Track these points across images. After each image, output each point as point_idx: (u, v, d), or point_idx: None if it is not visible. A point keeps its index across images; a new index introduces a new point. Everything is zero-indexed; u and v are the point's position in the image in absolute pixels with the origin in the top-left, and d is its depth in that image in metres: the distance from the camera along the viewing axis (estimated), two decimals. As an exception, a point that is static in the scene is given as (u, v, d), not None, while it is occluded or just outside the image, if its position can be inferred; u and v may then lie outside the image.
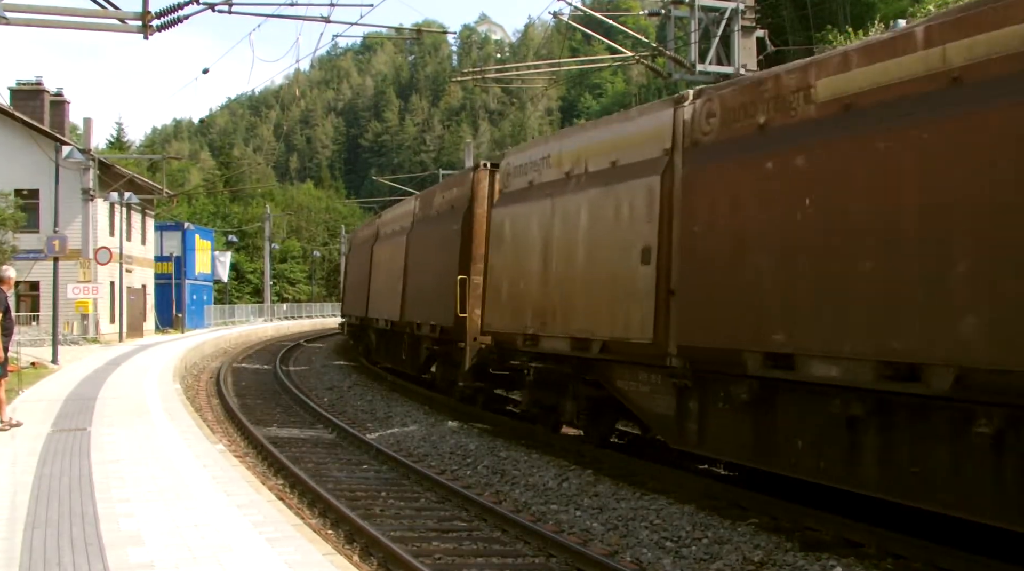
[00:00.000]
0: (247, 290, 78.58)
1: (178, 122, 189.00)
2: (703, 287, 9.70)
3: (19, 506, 7.98)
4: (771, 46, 21.01)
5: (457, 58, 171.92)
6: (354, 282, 31.81)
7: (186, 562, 6.28)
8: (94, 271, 37.23)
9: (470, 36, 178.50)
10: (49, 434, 12.20)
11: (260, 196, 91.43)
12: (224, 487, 8.85)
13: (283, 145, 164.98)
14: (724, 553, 8.45)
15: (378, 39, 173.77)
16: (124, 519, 7.50)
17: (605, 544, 8.96)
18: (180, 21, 17.33)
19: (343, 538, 9.09)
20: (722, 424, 9.63)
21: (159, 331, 47.24)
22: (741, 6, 20.22)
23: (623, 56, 23.66)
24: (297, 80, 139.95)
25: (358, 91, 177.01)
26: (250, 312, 67.95)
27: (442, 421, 16.85)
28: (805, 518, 8.99)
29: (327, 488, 11.14)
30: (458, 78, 35.84)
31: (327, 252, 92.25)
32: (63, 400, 16.26)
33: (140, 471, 9.63)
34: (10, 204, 32.71)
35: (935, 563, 7.59)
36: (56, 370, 23.03)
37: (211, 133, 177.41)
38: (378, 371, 26.55)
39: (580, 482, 11.45)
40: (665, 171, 10.29)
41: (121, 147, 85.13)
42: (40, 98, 39.75)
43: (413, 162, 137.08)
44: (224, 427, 16.78)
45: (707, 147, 9.76)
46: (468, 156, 46.40)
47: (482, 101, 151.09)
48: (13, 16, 16.62)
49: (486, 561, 8.48)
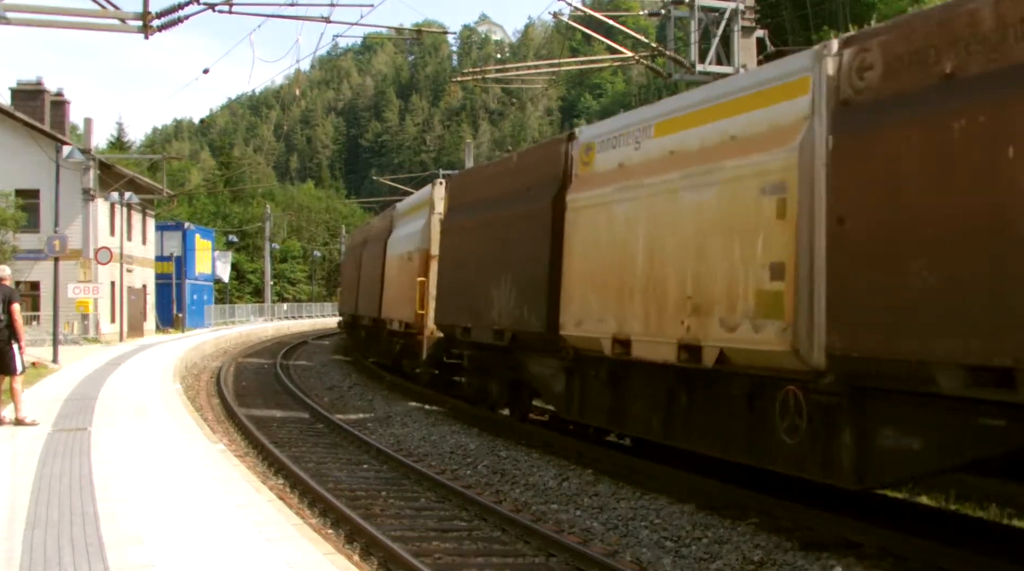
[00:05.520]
0: (247, 290, 78.57)
1: (178, 122, 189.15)
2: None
3: (19, 506, 7.98)
4: (771, 46, 21.01)
5: (457, 58, 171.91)
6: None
7: (186, 562, 6.28)
8: (94, 271, 37.24)
9: (470, 36, 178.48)
10: (49, 434, 12.20)
11: (260, 196, 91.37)
12: (224, 487, 8.85)
13: (283, 145, 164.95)
14: (724, 553, 8.45)
15: (378, 39, 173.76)
16: (124, 519, 7.50)
17: (605, 544, 8.96)
18: (180, 21, 17.37)
19: (343, 538, 9.09)
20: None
21: (159, 331, 47.24)
22: (741, 6, 20.23)
23: (623, 56, 23.66)
24: (297, 80, 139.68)
25: (358, 91, 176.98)
26: (250, 312, 67.93)
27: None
28: (805, 518, 9.00)
29: (327, 488, 11.14)
30: (458, 78, 35.86)
31: (327, 252, 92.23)
32: (63, 400, 16.26)
33: (140, 471, 9.64)
34: (10, 204, 32.71)
35: (935, 563, 7.59)
36: (56, 370, 23.03)
37: (211, 133, 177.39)
38: (371, 366, 27.31)
39: (580, 482, 11.46)
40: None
41: (121, 147, 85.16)
42: (40, 98, 39.76)
43: (413, 162, 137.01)
44: (224, 427, 16.78)
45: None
46: (468, 156, 46.39)
47: (482, 101, 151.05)
48: (13, 16, 16.63)
49: (486, 561, 8.48)
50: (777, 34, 29.02)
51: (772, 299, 8.54)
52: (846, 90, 8.01)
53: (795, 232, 8.29)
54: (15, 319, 12.86)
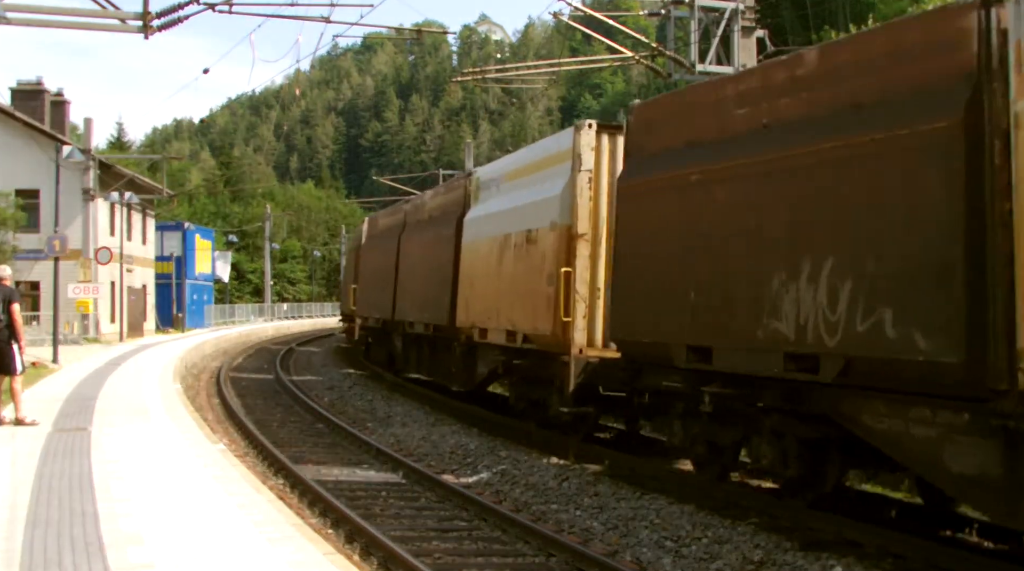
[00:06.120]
0: (247, 290, 78.54)
1: (178, 122, 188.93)
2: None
3: (19, 505, 7.97)
4: (771, 46, 21.00)
5: (457, 58, 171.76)
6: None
7: (186, 562, 6.28)
8: (94, 271, 37.23)
9: (470, 36, 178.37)
10: (49, 434, 12.19)
11: (260, 196, 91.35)
12: (224, 487, 8.85)
13: (283, 145, 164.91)
14: (724, 553, 8.45)
15: (378, 39, 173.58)
16: (124, 519, 7.50)
17: (605, 544, 8.96)
18: (180, 21, 17.37)
19: (343, 538, 9.09)
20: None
21: (159, 331, 47.23)
22: (741, 6, 20.23)
23: (623, 56, 23.65)
24: (297, 80, 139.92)
25: (358, 91, 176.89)
26: (250, 312, 67.93)
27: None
28: (805, 518, 8.99)
29: (327, 488, 11.14)
30: (458, 78, 35.88)
31: (327, 252, 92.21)
32: (63, 400, 16.26)
33: (140, 471, 9.63)
34: (10, 204, 32.69)
35: (935, 563, 7.59)
36: (56, 370, 23.03)
37: (211, 133, 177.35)
38: (371, 366, 26.70)
39: (580, 482, 11.46)
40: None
41: (121, 147, 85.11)
42: (40, 98, 39.73)
43: (413, 162, 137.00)
44: (224, 427, 16.78)
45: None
46: (468, 156, 46.37)
47: (482, 101, 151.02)
48: (13, 16, 16.64)
49: (486, 561, 8.48)
50: (777, 34, 29.01)
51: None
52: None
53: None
54: (15, 319, 12.86)
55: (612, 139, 13.36)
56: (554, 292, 13.15)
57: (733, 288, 9.28)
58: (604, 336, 12.84)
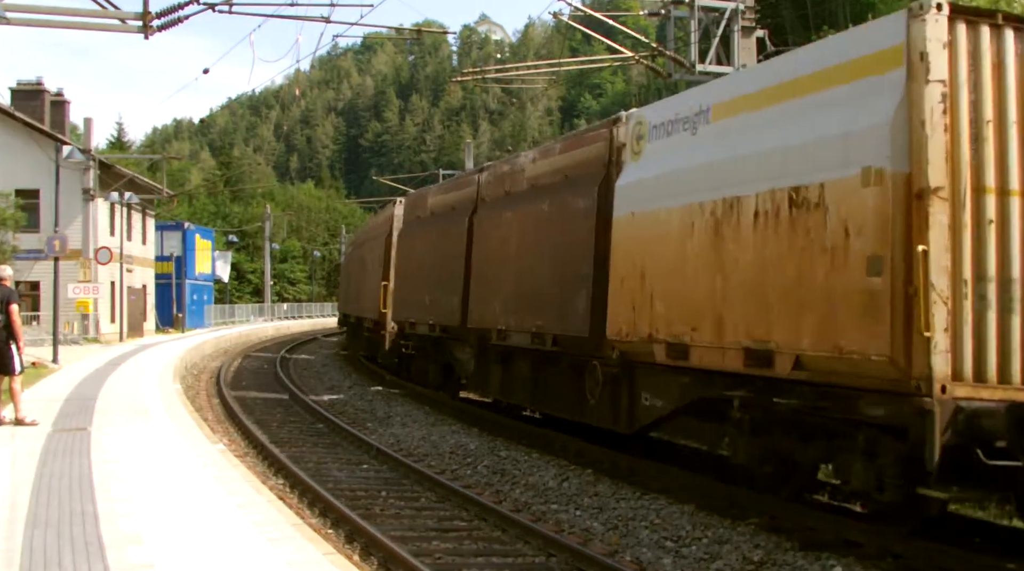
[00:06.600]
0: (247, 290, 78.55)
1: (178, 122, 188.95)
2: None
3: (19, 506, 7.97)
4: (771, 46, 21.01)
5: (457, 58, 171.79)
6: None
7: (186, 562, 6.28)
8: (94, 271, 37.23)
9: (470, 36, 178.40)
10: (49, 434, 12.19)
11: (260, 196, 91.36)
12: (224, 487, 8.85)
13: (283, 145, 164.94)
14: (724, 553, 8.45)
15: (378, 39, 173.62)
16: (124, 519, 7.50)
17: (605, 544, 8.96)
18: (180, 21, 17.36)
19: (343, 538, 9.09)
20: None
21: (159, 331, 47.24)
22: (741, 6, 20.24)
23: (623, 56, 23.66)
24: (297, 80, 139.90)
25: (358, 91, 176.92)
26: (250, 312, 67.94)
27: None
28: (805, 518, 9.00)
29: (327, 488, 11.14)
30: (458, 78, 35.87)
31: (327, 252, 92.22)
32: (63, 400, 16.26)
33: (140, 471, 9.63)
34: (10, 204, 32.69)
35: (935, 563, 7.59)
36: (56, 370, 23.03)
37: (211, 133, 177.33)
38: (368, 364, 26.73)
39: (580, 482, 11.46)
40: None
41: (121, 147, 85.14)
42: (40, 98, 39.74)
43: (413, 162, 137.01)
44: (224, 427, 16.78)
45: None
46: (468, 156, 46.38)
47: (482, 101, 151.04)
48: (13, 16, 16.63)
49: (486, 561, 8.48)
50: (777, 34, 29.01)
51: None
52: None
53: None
54: (14, 320, 12.87)
55: (996, 35, 7.94)
56: (887, 288, 7.67)
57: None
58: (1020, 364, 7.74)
